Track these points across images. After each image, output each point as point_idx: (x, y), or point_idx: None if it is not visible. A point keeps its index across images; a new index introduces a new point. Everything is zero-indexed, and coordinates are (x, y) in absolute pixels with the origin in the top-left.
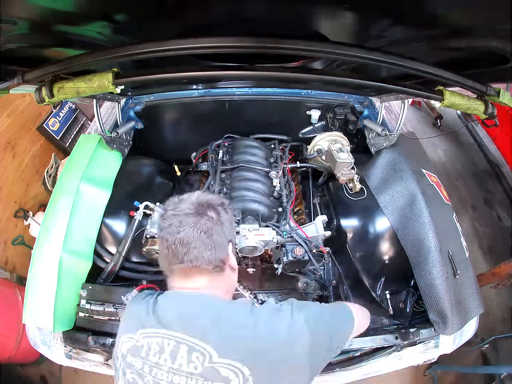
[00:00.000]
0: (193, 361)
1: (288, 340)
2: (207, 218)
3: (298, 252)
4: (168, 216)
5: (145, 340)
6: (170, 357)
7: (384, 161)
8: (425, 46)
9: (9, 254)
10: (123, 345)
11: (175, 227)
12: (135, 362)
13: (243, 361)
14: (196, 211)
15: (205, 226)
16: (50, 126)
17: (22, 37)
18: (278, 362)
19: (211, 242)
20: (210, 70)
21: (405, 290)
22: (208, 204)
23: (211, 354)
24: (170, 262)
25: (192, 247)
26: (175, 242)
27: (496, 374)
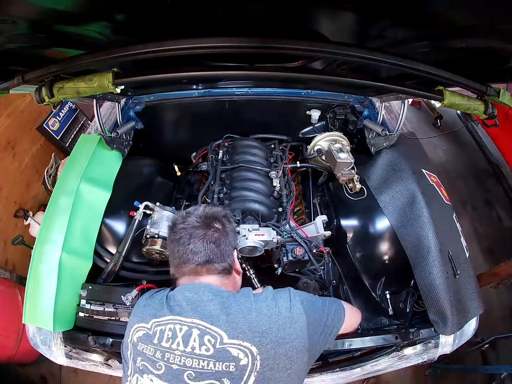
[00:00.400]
0: (205, 344)
1: (288, 320)
2: (214, 229)
3: (298, 252)
4: (178, 229)
5: (158, 328)
6: (182, 341)
7: (384, 161)
8: (425, 46)
9: (9, 254)
10: (134, 335)
11: (186, 239)
12: (147, 350)
13: (251, 341)
14: (204, 224)
15: (213, 237)
16: (50, 126)
17: (22, 37)
18: (280, 340)
19: (219, 250)
20: (210, 70)
21: (405, 290)
22: (213, 216)
23: (222, 336)
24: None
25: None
26: (186, 251)
27: (496, 374)
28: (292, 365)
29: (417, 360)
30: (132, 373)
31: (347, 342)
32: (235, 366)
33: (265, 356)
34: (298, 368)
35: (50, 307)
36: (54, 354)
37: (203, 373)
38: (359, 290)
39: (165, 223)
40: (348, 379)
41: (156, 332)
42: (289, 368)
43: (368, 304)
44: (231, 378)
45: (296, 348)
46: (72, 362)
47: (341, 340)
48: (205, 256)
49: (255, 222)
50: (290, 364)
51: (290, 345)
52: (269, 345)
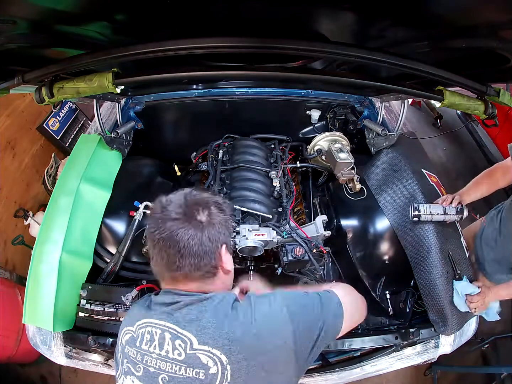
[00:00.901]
0: (177, 348)
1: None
2: (196, 222)
3: (298, 252)
4: (155, 220)
5: (140, 331)
6: (158, 344)
7: (384, 161)
8: (425, 46)
9: (9, 254)
10: (123, 338)
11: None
12: (131, 352)
13: (220, 349)
14: (184, 215)
15: (194, 232)
16: (50, 126)
17: (22, 37)
18: (255, 350)
19: (201, 249)
20: (210, 70)
21: (405, 290)
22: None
23: (192, 341)
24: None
25: (180, 256)
26: (162, 249)
27: (496, 374)
28: (273, 379)
29: (417, 360)
30: (119, 375)
31: (347, 342)
32: (204, 374)
33: (236, 366)
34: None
35: (50, 307)
36: (54, 354)
37: (175, 378)
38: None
39: None
40: (348, 379)
41: (139, 335)
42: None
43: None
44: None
45: (276, 360)
46: (72, 362)
47: (341, 340)
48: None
49: (255, 222)
50: (270, 378)
51: (268, 356)
52: (240, 355)
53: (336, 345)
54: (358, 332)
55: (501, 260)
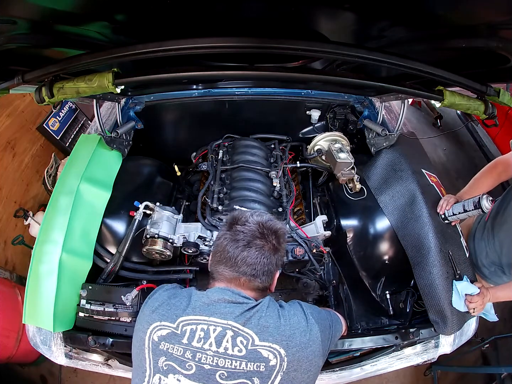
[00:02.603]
0: (238, 345)
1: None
2: (271, 245)
3: (298, 252)
4: (237, 231)
5: (188, 327)
6: (215, 342)
7: (384, 161)
8: (425, 46)
9: (9, 254)
10: (153, 333)
11: (242, 245)
12: (173, 349)
13: (280, 344)
14: (263, 235)
15: (268, 253)
16: (50, 126)
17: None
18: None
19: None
20: (210, 70)
21: (405, 290)
22: (273, 229)
23: (253, 338)
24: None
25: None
26: (237, 257)
27: (496, 374)
28: (311, 368)
29: (417, 360)
30: (151, 373)
31: (347, 342)
32: (265, 366)
33: (291, 358)
34: (315, 371)
35: (50, 307)
36: (54, 354)
37: (235, 373)
38: (359, 290)
39: (165, 223)
40: (348, 379)
41: (186, 332)
42: (309, 371)
43: (368, 304)
44: (261, 377)
45: (314, 352)
46: (72, 362)
47: (341, 340)
48: (254, 270)
49: None
50: (310, 367)
51: (310, 349)
52: (294, 348)
53: (336, 345)
54: (358, 332)
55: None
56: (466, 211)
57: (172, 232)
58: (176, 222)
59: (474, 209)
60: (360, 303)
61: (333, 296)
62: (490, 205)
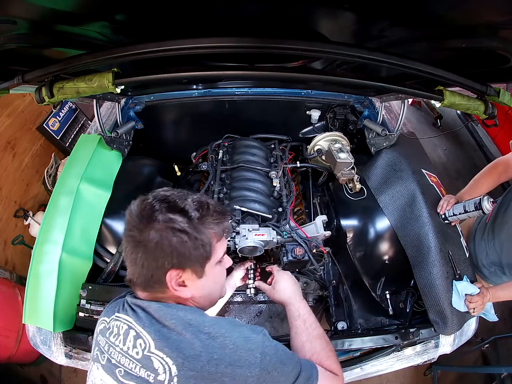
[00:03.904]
0: (137, 347)
1: (228, 360)
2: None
3: (298, 252)
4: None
5: (111, 323)
6: (123, 339)
7: (384, 161)
8: (425, 46)
9: (9, 254)
10: (98, 327)
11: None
12: (101, 341)
13: (173, 360)
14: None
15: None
16: (50, 126)
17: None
18: (206, 375)
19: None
20: (210, 70)
21: (405, 290)
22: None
23: (150, 343)
24: None
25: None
26: None
27: (496, 374)
28: None
29: (417, 360)
30: (91, 360)
31: (347, 342)
32: (154, 378)
33: (183, 381)
34: None
35: (50, 307)
36: (54, 354)
37: (130, 374)
38: (359, 290)
39: None
40: (348, 379)
41: (110, 327)
42: None
43: (368, 304)
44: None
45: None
46: (72, 362)
47: (341, 340)
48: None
49: (255, 222)
50: None
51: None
52: (190, 373)
53: (336, 345)
54: (358, 332)
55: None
56: (466, 211)
57: None
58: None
59: (474, 210)
60: (360, 303)
61: (333, 296)
62: (491, 207)
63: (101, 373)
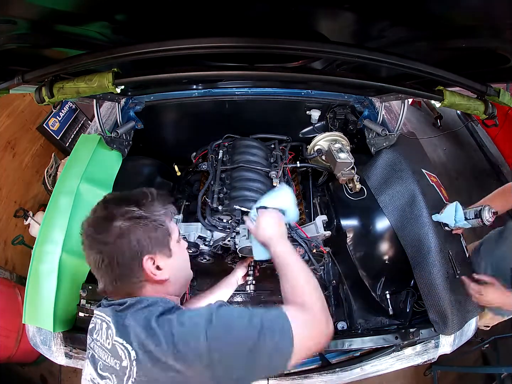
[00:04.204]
0: (108, 337)
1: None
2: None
3: (298, 252)
4: None
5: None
6: (101, 333)
7: (384, 161)
8: (425, 46)
9: (9, 254)
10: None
11: None
12: (89, 339)
13: (131, 345)
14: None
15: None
16: (50, 126)
17: (22, 37)
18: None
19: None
20: (210, 70)
21: (405, 290)
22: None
23: (113, 331)
24: None
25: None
26: None
27: (496, 374)
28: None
29: (417, 360)
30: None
31: (347, 342)
32: (120, 365)
33: (141, 366)
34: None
35: (50, 307)
36: (54, 354)
37: (106, 366)
38: (359, 290)
39: None
40: (348, 379)
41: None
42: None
43: (368, 304)
44: (117, 376)
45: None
46: (72, 362)
47: (341, 340)
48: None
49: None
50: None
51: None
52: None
53: (336, 345)
54: (358, 332)
55: None
56: (467, 219)
57: None
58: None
59: (474, 218)
60: (360, 303)
61: (333, 296)
62: (491, 217)
63: (89, 368)
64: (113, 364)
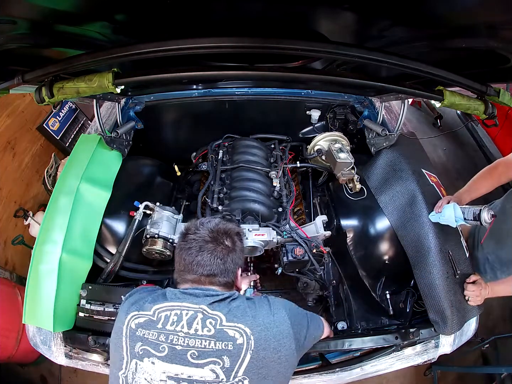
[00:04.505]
0: (207, 326)
1: (270, 311)
2: (223, 246)
3: (298, 252)
4: (189, 239)
5: (163, 314)
6: (187, 324)
7: (384, 161)
8: (425, 46)
9: (9, 254)
10: (131, 322)
11: (195, 251)
12: (149, 334)
13: (244, 323)
14: (214, 239)
15: (221, 254)
16: (50, 126)
17: (22, 37)
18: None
19: (225, 267)
20: (210, 70)
21: (405, 290)
22: (225, 232)
23: (221, 319)
24: (186, 274)
25: (207, 269)
26: (192, 262)
27: (496, 374)
28: (281, 348)
29: (417, 360)
30: (129, 360)
31: (347, 342)
32: (233, 345)
33: (257, 336)
34: (287, 353)
35: (50, 307)
36: (54, 354)
37: (205, 352)
38: (359, 290)
39: (165, 223)
40: (348, 379)
41: (161, 318)
42: (279, 351)
43: (368, 304)
44: (230, 356)
45: (282, 333)
46: (72, 362)
47: (341, 340)
48: (210, 270)
49: (255, 222)
50: (279, 347)
51: (277, 330)
52: (259, 327)
53: (336, 345)
54: (358, 332)
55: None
56: (465, 219)
57: (172, 232)
58: (176, 222)
59: (472, 220)
60: (360, 303)
61: (333, 296)
62: (490, 220)
63: (161, 365)
64: (221, 347)
